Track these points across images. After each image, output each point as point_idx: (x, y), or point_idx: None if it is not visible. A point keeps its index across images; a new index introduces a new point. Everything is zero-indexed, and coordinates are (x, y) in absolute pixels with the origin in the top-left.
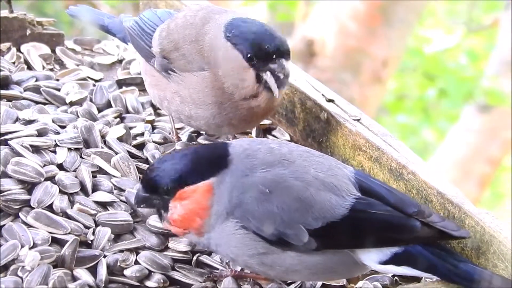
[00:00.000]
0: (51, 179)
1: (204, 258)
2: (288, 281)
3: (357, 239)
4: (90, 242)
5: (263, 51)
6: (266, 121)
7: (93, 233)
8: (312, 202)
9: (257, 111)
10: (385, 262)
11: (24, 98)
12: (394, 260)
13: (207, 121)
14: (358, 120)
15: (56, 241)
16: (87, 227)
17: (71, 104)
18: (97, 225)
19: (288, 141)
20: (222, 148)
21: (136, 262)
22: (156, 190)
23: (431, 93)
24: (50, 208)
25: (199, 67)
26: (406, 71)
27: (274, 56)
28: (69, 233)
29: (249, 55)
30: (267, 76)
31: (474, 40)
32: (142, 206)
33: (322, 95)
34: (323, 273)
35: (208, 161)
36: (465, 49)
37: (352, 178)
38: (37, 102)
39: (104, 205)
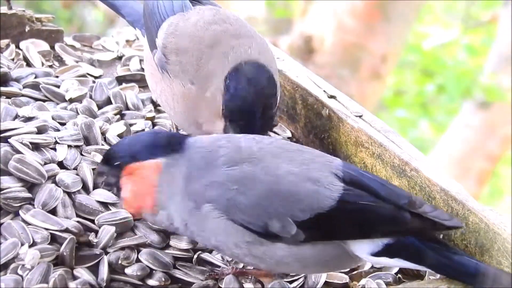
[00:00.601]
0: (52, 178)
1: (206, 256)
2: (290, 278)
3: (346, 231)
4: (94, 243)
5: (235, 122)
6: None
7: (96, 234)
8: (291, 195)
9: None
10: (377, 254)
11: (23, 95)
12: (386, 251)
13: (180, 125)
14: (360, 116)
15: (56, 240)
16: (89, 228)
17: (71, 101)
18: (98, 226)
19: (289, 138)
20: (181, 136)
21: (138, 260)
22: (110, 164)
23: (429, 89)
24: (53, 211)
25: (190, 80)
26: (404, 66)
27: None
28: (68, 230)
29: (225, 113)
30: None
31: (472, 36)
32: (101, 182)
33: (324, 91)
34: (315, 265)
35: (161, 142)
36: (463, 44)
37: (339, 171)
38: (36, 99)
39: (105, 204)
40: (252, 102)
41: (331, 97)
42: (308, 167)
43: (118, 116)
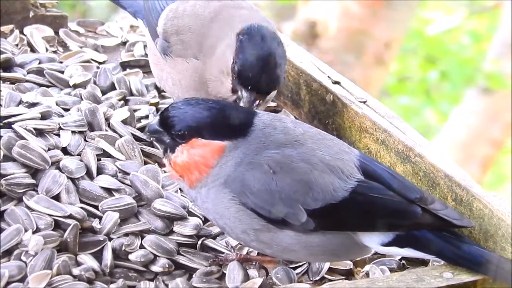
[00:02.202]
0: (56, 164)
1: (209, 242)
2: (294, 265)
3: (356, 222)
4: (97, 229)
5: (244, 76)
6: (271, 103)
7: (100, 220)
8: (313, 184)
9: None
10: (387, 244)
11: (27, 81)
12: (397, 241)
13: None
14: (364, 102)
15: (60, 226)
16: (92, 214)
17: (75, 86)
18: (102, 212)
19: None
20: (249, 115)
21: (141, 247)
22: (170, 130)
23: (433, 75)
24: (56, 197)
25: (193, 55)
26: (408, 53)
27: (249, 87)
28: (72, 217)
29: (235, 69)
30: (239, 95)
31: (476, 22)
32: (152, 138)
33: (328, 77)
34: (323, 254)
35: (230, 123)
36: (467, 30)
37: (357, 162)
38: (40, 85)
39: (109, 190)
40: (264, 60)
41: (335, 82)
42: (340, 157)
43: (122, 101)
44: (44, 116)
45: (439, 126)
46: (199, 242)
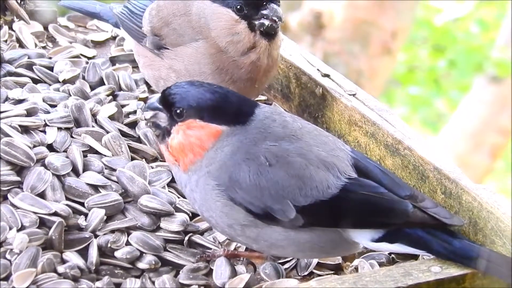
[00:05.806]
0: (41, 161)
1: (197, 238)
2: (282, 260)
3: (347, 220)
4: (83, 227)
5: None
6: (261, 97)
7: (85, 217)
8: (308, 180)
9: (259, 65)
10: (377, 240)
11: (17, 74)
12: (387, 237)
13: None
14: (353, 95)
15: (45, 224)
16: (78, 211)
17: (64, 82)
18: (88, 209)
19: None
20: (251, 105)
21: (128, 243)
22: (170, 107)
23: (441, 64)
24: (42, 194)
25: (191, 38)
26: (416, 42)
27: (264, 2)
28: (57, 214)
29: (238, 6)
30: (261, 21)
31: (486, 10)
32: (150, 119)
33: (318, 70)
34: (311, 250)
35: (231, 109)
36: (475, 19)
37: (351, 159)
38: (30, 78)
39: (95, 187)
40: None
41: (325, 75)
42: (336, 154)
43: (110, 97)
44: (30, 113)
45: (449, 115)
46: (186, 238)
